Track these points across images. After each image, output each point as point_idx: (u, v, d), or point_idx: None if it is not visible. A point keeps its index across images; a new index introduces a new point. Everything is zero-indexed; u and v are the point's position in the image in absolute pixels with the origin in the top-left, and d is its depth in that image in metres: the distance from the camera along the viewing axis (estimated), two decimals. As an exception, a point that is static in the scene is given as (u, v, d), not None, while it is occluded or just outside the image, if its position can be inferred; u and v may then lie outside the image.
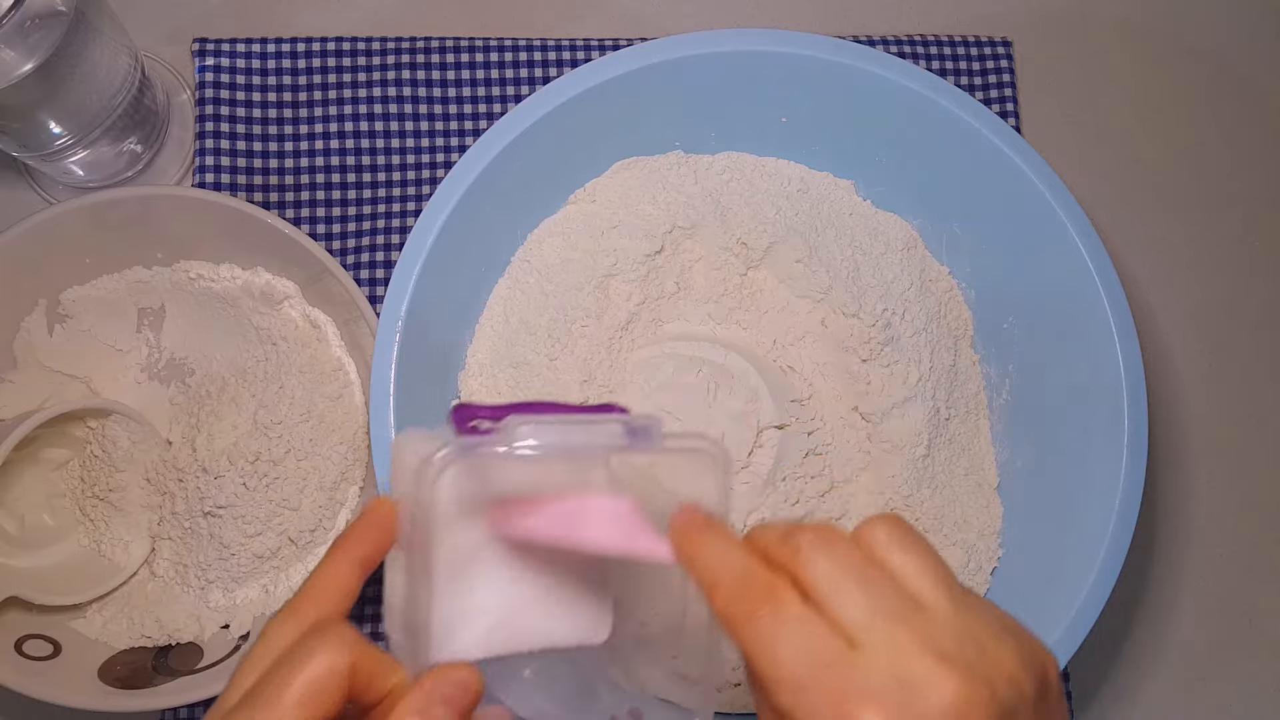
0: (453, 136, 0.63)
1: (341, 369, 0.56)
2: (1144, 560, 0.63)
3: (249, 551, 0.54)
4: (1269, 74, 0.70)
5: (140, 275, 0.57)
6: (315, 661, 0.31)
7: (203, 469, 0.54)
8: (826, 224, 0.57)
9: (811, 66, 0.54)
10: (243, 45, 0.62)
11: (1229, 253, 0.67)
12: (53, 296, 0.56)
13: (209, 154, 0.61)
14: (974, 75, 0.66)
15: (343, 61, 0.63)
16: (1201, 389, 0.65)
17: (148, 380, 0.58)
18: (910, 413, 0.54)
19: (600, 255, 0.54)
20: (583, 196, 0.56)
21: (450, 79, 0.63)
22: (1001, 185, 0.54)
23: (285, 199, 0.61)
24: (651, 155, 0.57)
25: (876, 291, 0.55)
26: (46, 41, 0.49)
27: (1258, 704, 0.62)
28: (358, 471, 0.56)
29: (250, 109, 0.62)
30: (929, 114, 0.54)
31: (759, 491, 0.52)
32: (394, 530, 0.35)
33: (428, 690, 0.32)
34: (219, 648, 0.53)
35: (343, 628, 0.33)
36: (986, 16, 0.68)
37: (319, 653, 0.32)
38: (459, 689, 0.32)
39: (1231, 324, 0.66)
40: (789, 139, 0.58)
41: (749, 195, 0.57)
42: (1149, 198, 0.67)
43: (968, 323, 0.58)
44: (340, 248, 0.61)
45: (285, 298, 0.56)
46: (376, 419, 0.49)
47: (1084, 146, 0.67)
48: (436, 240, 0.50)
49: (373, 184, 0.62)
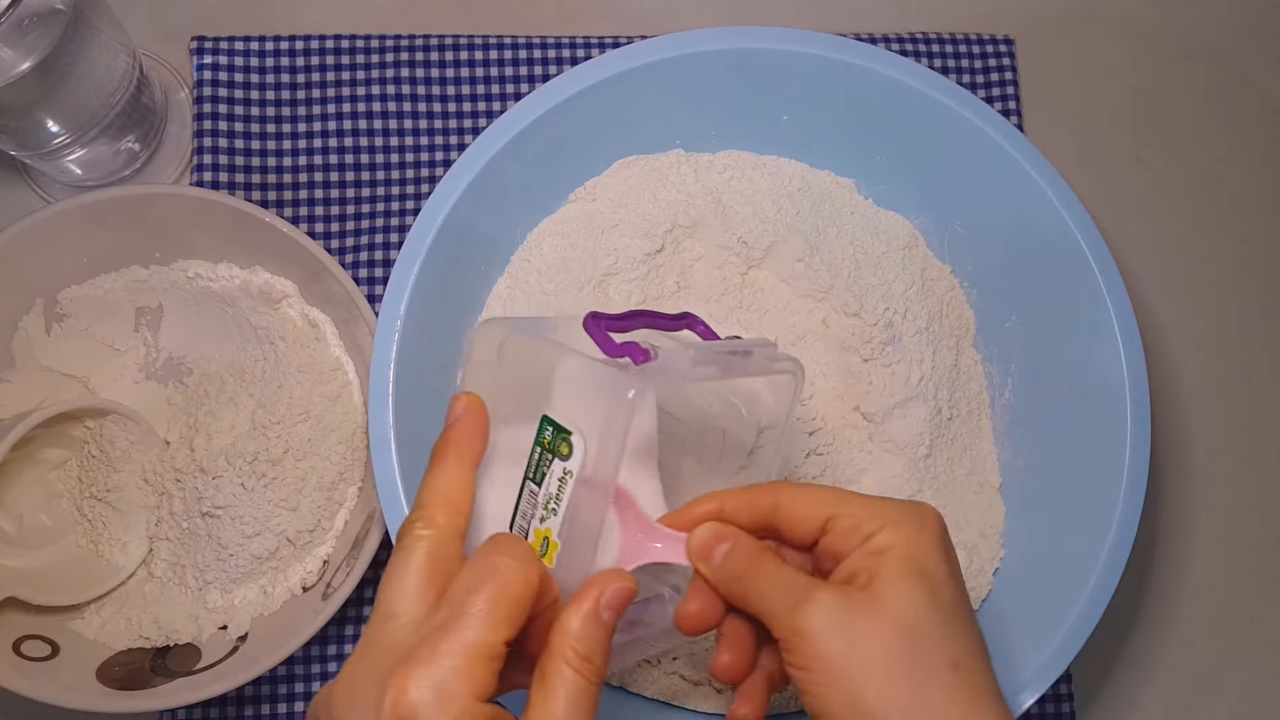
0: (452, 135, 0.63)
1: (340, 369, 0.56)
2: (1145, 560, 0.63)
3: (247, 552, 0.53)
4: (1269, 73, 0.69)
5: (138, 274, 0.57)
6: (515, 576, 0.33)
7: (201, 469, 0.54)
8: (828, 223, 0.56)
9: (813, 64, 0.54)
10: (241, 43, 0.62)
11: (1229, 252, 0.67)
12: (50, 296, 0.56)
13: (207, 153, 0.61)
14: (976, 73, 0.66)
15: (341, 60, 0.63)
16: (1202, 388, 0.65)
17: (145, 380, 0.58)
18: (912, 412, 0.54)
19: (600, 254, 0.54)
20: (583, 195, 0.56)
21: (449, 77, 0.63)
22: (1004, 184, 0.54)
23: (284, 198, 0.61)
24: (652, 154, 0.57)
25: (878, 291, 0.55)
26: (45, 40, 0.49)
27: (1259, 704, 0.62)
28: (356, 471, 0.55)
29: (249, 107, 0.62)
30: (931, 112, 0.54)
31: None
32: (487, 433, 0.37)
33: (596, 595, 0.34)
34: (217, 649, 0.53)
35: (522, 541, 0.35)
36: (988, 14, 0.68)
37: (515, 567, 0.33)
38: (623, 594, 0.34)
39: (1232, 323, 0.66)
40: (790, 137, 0.57)
41: (750, 194, 0.56)
42: (1150, 196, 0.67)
43: (970, 322, 0.58)
44: (339, 246, 0.61)
45: (284, 297, 0.56)
46: (375, 419, 0.49)
47: (1085, 145, 0.67)
48: (435, 239, 0.50)
49: (371, 182, 0.62)
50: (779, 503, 0.39)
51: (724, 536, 0.39)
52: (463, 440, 0.37)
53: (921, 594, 0.36)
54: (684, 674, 0.51)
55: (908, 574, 0.36)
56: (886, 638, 0.35)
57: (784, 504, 0.39)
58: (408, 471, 0.48)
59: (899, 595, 0.36)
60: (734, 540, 0.39)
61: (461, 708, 0.31)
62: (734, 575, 0.38)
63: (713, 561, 0.38)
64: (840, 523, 0.38)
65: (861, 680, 0.35)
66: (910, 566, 0.36)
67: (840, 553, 0.38)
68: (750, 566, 0.38)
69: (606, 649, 0.34)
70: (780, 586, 0.37)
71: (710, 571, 0.39)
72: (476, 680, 0.31)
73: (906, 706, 0.34)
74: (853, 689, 0.35)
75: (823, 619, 0.35)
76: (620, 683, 0.51)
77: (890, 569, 0.36)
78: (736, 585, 0.38)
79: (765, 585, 0.37)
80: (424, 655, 0.31)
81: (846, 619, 0.35)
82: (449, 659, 0.31)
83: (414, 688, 0.31)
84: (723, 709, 0.52)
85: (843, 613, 0.35)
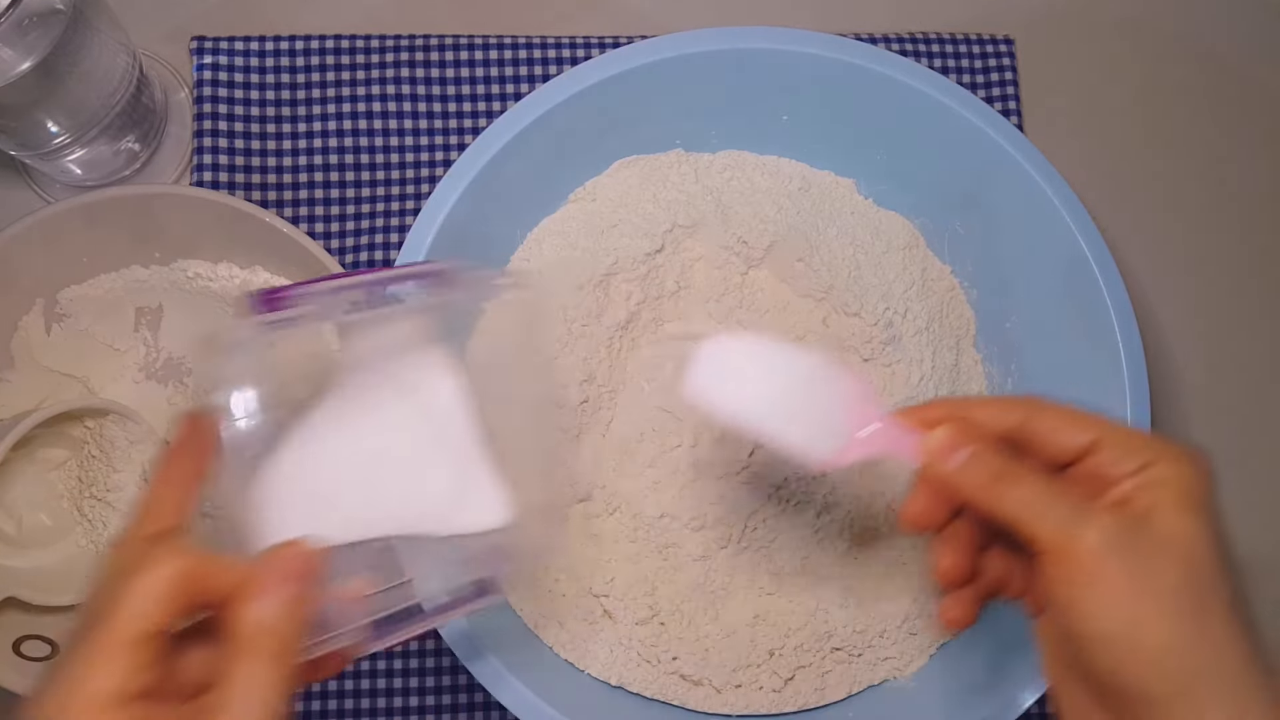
0: (452, 135, 0.63)
1: (340, 368, 0.56)
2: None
3: (247, 552, 0.53)
4: (1269, 73, 0.69)
5: (138, 274, 0.57)
6: (148, 572, 0.32)
7: (201, 469, 0.54)
8: (828, 222, 0.56)
9: (813, 64, 0.54)
10: (241, 43, 0.62)
11: (1229, 252, 0.67)
12: (50, 296, 0.56)
13: (207, 152, 0.61)
14: (976, 73, 0.66)
15: (341, 59, 0.63)
16: (1201, 387, 0.65)
17: (145, 380, 0.58)
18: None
19: (600, 254, 0.54)
20: (583, 195, 0.56)
21: (449, 77, 0.63)
22: (1004, 184, 0.54)
23: (284, 197, 0.61)
24: (652, 154, 0.57)
25: (878, 291, 0.55)
26: (45, 40, 0.49)
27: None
28: (357, 471, 0.55)
29: (249, 107, 0.62)
30: (931, 112, 0.54)
31: (760, 491, 0.52)
32: (217, 437, 0.35)
33: (266, 567, 0.33)
34: (217, 649, 0.53)
35: (176, 536, 0.33)
36: (988, 14, 0.68)
37: (152, 563, 0.32)
38: (298, 561, 0.33)
39: (1232, 323, 0.66)
40: (790, 137, 0.57)
41: (750, 194, 0.56)
42: (1150, 196, 0.67)
43: (970, 322, 0.58)
44: (339, 247, 0.61)
45: (284, 297, 0.56)
46: (375, 419, 0.49)
47: (1085, 145, 0.67)
48: (435, 239, 0.50)
49: (372, 182, 0.62)
50: (1031, 416, 0.39)
51: (967, 439, 0.38)
52: (177, 452, 0.36)
53: (1206, 531, 0.36)
54: (684, 674, 0.51)
55: (1193, 509, 0.36)
56: (1172, 569, 0.35)
57: (1045, 419, 0.39)
58: (408, 471, 0.48)
59: (1185, 529, 0.35)
60: (980, 446, 0.38)
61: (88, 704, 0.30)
62: (989, 478, 0.37)
63: (952, 463, 0.38)
64: (1110, 449, 0.37)
65: (1143, 607, 0.34)
66: (1194, 502, 0.36)
67: (1110, 478, 0.37)
68: (1009, 472, 0.37)
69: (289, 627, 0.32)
70: (1050, 497, 0.36)
71: (955, 473, 0.38)
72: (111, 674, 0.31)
73: (1191, 640, 0.34)
74: (1135, 615, 0.34)
75: (1105, 539, 0.35)
76: (620, 682, 0.51)
77: (1173, 501, 0.36)
78: (992, 488, 0.37)
79: (1032, 495, 0.37)
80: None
81: (1130, 542, 0.35)
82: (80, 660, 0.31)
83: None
84: (723, 709, 0.52)
85: (1126, 535, 0.35)
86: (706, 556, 0.52)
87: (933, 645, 0.53)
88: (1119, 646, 0.35)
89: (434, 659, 0.57)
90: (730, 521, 0.52)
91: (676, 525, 0.52)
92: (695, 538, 0.52)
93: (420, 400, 0.39)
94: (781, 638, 0.52)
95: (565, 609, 0.52)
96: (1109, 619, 0.35)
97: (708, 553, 0.52)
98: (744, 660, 0.51)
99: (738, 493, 0.52)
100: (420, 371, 0.39)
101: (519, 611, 0.51)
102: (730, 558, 0.52)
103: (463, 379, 0.39)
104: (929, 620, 0.53)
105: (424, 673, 0.57)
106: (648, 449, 0.52)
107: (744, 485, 0.52)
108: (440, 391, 0.39)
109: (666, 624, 0.52)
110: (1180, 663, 0.34)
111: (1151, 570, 0.35)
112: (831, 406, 0.40)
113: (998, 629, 0.52)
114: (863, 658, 0.53)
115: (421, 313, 0.39)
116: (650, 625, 0.51)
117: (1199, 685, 0.34)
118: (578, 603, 0.52)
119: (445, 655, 0.57)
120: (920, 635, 0.53)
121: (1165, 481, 0.36)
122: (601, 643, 0.51)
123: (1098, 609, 0.35)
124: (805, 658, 0.52)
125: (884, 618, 0.53)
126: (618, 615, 0.52)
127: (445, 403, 0.39)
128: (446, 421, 0.39)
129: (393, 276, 0.38)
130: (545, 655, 0.51)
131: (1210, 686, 0.34)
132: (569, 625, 0.52)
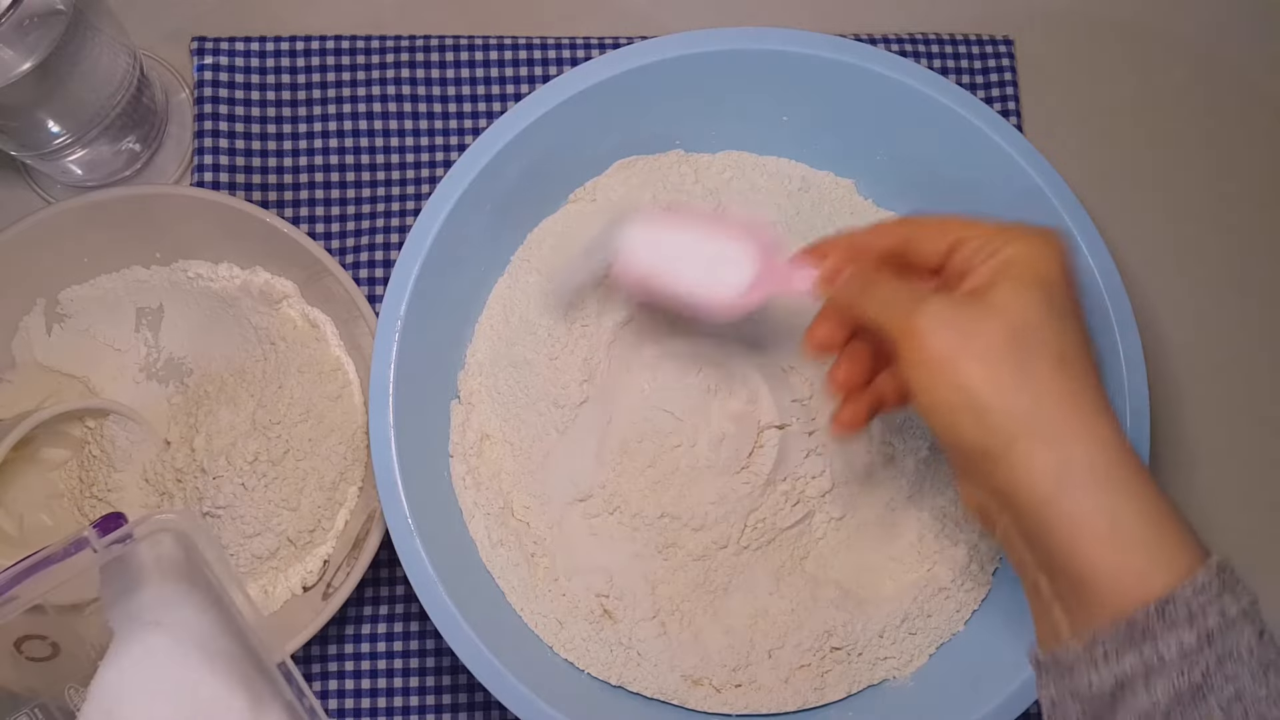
0: (452, 135, 0.63)
1: (340, 369, 0.56)
2: (1146, 560, 0.63)
3: (248, 552, 0.53)
4: (1269, 74, 0.69)
5: (139, 275, 0.57)
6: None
7: (201, 469, 0.54)
8: (828, 223, 0.57)
9: (813, 65, 0.54)
10: (241, 44, 0.62)
11: (1229, 252, 0.67)
12: (51, 296, 0.56)
13: (208, 153, 0.61)
14: (975, 73, 0.66)
15: (342, 60, 0.63)
16: (1201, 387, 0.65)
17: (146, 380, 0.58)
18: (913, 411, 0.54)
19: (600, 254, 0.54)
20: (583, 195, 0.56)
21: (450, 77, 0.63)
22: (1003, 184, 0.54)
23: (284, 198, 0.61)
24: (652, 154, 0.57)
25: (878, 291, 0.55)
26: (45, 40, 0.49)
27: (1260, 704, 0.62)
28: (356, 471, 0.55)
29: (249, 108, 0.62)
30: (930, 112, 0.54)
31: (760, 491, 0.52)
32: None
33: None
34: (217, 648, 0.53)
35: None
36: (988, 15, 0.68)
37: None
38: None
39: (1232, 323, 0.66)
40: (790, 137, 0.57)
41: (750, 194, 0.56)
42: (1150, 196, 0.67)
43: (969, 322, 0.58)
44: (339, 247, 0.61)
45: (284, 297, 0.56)
46: (375, 419, 0.49)
47: (1085, 145, 0.67)
48: (436, 239, 0.50)
49: (372, 183, 0.62)
50: (910, 233, 0.43)
51: (851, 263, 0.43)
52: None
53: (1035, 295, 0.38)
54: (684, 673, 0.51)
55: (1026, 280, 0.39)
56: (995, 333, 0.37)
57: (918, 231, 0.42)
58: (408, 471, 0.49)
59: (1013, 297, 0.38)
60: (859, 265, 0.43)
61: None
62: (856, 291, 0.42)
63: (838, 283, 0.43)
64: (969, 244, 0.41)
65: (968, 370, 0.37)
66: (1029, 274, 0.39)
67: (967, 270, 0.40)
68: (870, 282, 0.41)
69: None
70: (898, 294, 0.40)
71: (838, 291, 0.42)
72: None
73: (1010, 392, 0.37)
74: (959, 379, 0.37)
75: (936, 318, 0.38)
76: (620, 682, 0.51)
77: (1010, 275, 0.39)
78: (859, 300, 0.41)
79: (886, 295, 0.40)
80: None
81: (958, 316, 0.38)
82: None
83: None
84: (723, 708, 0.52)
85: (955, 311, 0.38)
86: (706, 556, 0.52)
87: (932, 645, 0.54)
88: (952, 411, 0.38)
89: (434, 659, 0.57)
90: (730, 521, 0.52)
91: (676, 525, 0.52)
92: (695, 538, 0.52)
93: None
94: (781, 637, 0.52)
95: (565, 609, 0.52)
96: (940, 387, 0.38)
97: (708, 553, 0.52)
98: (744, 660, 0.51)
99: (738, 493, 0.52)
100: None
101: (519, 611, 0.52)
102: (730, 558, 0.52)
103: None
104: (929, 620, 0.53)
105: (424, 673, 0.57)
106: (648, 449, 0.52)
107: (744, 485, 0.52)
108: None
109: (666, 624, 0.52)
110: (1005, 416, 0.37)
111: (976, 334, 0.37)
112: (743, 258, 0.46)
113: (997, 629, 0.52)
114: (862, 657, 0.53)
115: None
116: (650, 625, 0.51)
117: (1024, 433, 0.36)
118: (578, 602, 0.52)
119: (445, 655, 0.57)
120: (919, 635, 0.53)
121: (1009, 261, 0.39)
122: (601, 643, 0.51)
123: (929, 380, 0.38)
124: (804, 657, 0.52)
125: (883, 617, 0.53)
126: (618, 615, 0.52)
127: None
128: None
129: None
130: (545, 655, 0.51)
131: (1035, 433, 0.36)
132: (569, 625, 0.52)
